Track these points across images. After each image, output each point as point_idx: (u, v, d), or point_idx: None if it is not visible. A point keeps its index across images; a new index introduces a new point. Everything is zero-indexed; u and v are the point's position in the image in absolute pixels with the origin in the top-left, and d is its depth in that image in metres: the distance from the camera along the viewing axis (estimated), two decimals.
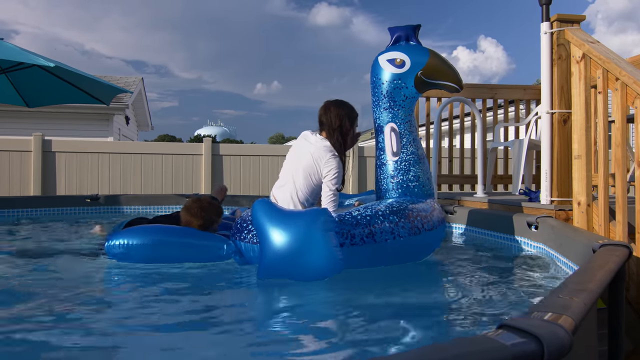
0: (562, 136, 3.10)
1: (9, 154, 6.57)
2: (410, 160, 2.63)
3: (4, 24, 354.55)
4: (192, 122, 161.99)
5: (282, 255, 2.07)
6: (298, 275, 2.12)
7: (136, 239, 2.38)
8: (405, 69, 2.59)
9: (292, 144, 2.97)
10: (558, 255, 2.42)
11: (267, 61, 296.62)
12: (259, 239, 2.20)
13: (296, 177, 2.66)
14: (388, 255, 2.37)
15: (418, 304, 1.93)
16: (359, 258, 2.29)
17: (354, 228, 2.29)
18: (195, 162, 7.20)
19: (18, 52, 4.19)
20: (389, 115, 2.65)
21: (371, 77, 2.73)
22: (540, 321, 0.89)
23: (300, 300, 2.02)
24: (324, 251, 2.09)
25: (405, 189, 2.62)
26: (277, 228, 2.11)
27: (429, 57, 2.58)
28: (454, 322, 1.68)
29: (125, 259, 2.40)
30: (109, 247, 2.38)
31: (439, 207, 2.71)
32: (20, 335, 1.48)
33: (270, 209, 2.21)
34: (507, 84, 5.29)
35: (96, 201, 5.25)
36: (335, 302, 2.02)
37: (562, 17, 3.11)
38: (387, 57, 2.64)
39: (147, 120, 16.85)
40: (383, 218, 2.37)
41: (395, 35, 2.68)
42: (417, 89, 2.62)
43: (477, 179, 4.38)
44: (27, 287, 2.07)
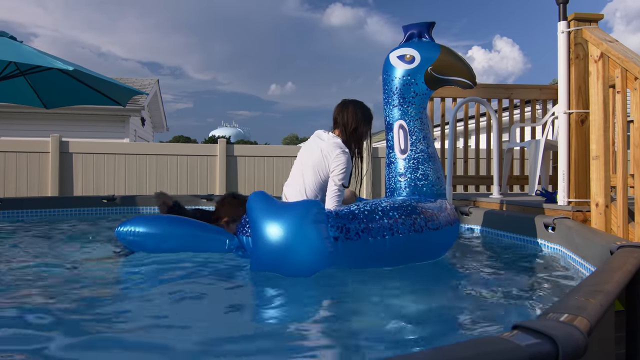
0: (580, 136, 3.05)
1: (27, 155, 6.69)
2: (419, 158, 2.57)
3: (23, 27, 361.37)
4: (207, 124, 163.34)
5: (271, 247, 2.03)
6: (288, 267, 2.06)
7: (144, 227, 2.46)
8: (415, 65, 2.54)
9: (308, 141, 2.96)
10: (575, 256, 2.38)
11: (281, 62, 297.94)
12: (251, 230, 2.16)
13: (305, 173, 2.67)
14: (387, 253, 2.29)
15: (432, 304, 1.91)
16: (355, 254, 2.22)
17: (349, 222, 2.23)
18: (210, 163, 7.26)
19: (37, 56, 4.26)
20: (398, 112, 2.61)
21: (382, 75, 2.70)
22: (556, 322, 0.88)
23: (291, 297, 1.99)
24: (314, 244, 2.03)
25: (414, 188, 2.56)
26: (267, 220, 2.06)
27: (440, 52, 2.52)
28: (469, 323, 1.66)
29: (133, 246, 2.49)
30: (118, 232, 2.49)
31: (450, 207, 2.64)
32: (32, 326, 1.50)
33: (263, 201, 2.16)
34: (523, 84, 5.24)
35: (112, 202, 5.32)
36: (338, 299, 2.00)
37: (580, 16, 3.07)
38: (397, 53, 2.61)
39: (163, 121, 17.03)
40: (382, 213, 2.31)
41: (408, 33, 2.65)
42: (428, 86, 2.57)
43: (492, 180, 4.34)
44: (40, 279, 2.11)
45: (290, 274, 2.08)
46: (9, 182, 6.59)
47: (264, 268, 2.11)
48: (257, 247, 2.10)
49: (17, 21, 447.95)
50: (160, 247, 2.48)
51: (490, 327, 1.59)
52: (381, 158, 7.72)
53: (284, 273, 2.08)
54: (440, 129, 5.12)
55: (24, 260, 2.59)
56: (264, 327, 1.63)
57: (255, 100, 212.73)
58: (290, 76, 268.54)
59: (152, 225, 2.49)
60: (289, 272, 2.08)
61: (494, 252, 3.01)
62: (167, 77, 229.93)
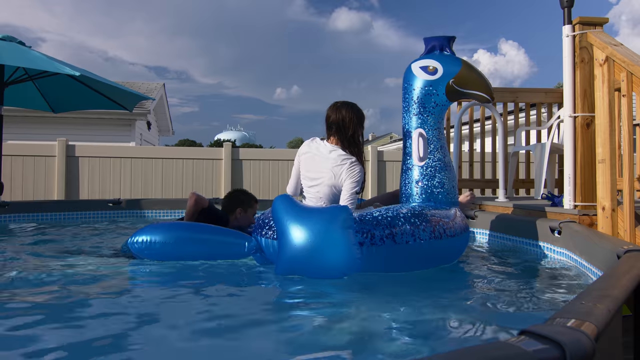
0: (586, 140, 3.05)
1: (34, 159, 6.74)
2: (436, 167, 2.65)
3: (31, 32, 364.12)
4: (212, 127, 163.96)
5: (300, 252, 2.08)
6: (315, 272, 2.12)
7: (157, 236, 2.42)
8: (437, 76, 2.63)
9: (304, 144, 2.93)
10: (582, 261, 2.37)
11: (287, 66, 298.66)
12: (278, 234, 2.22)
13: (321, 191, 2.74)
14: (408, 259, 2.35)
15: (437, 309, 1.91)
16: (378, 259, 2.27)
17: (374, 228, 2.28)
18: (216, 166, 7.28)
19: (45, 61, 4.30)
20: (418, 121, 2.68)
21: (403, 83, 2.77)
22: (563, 327, 0.88)
23: (317, 300, 2.02)
24: (342, 249, 2.09)
25: (430, 195, 2.63)
26: (296, 224, 2.12)
27: (461, 66, 2.62)
28: (475, 328, 1.66)
29: (147, 256, 2.45)
30: (131, 243, 2.44)
31: (461, 215, 2.71)
32: (42, 332, 1.51)
33: (290, 205, 2.22)
34: (528, 87, 5.23)
35: (118, 205, 5.35)
36: (354, 303, 2.01)
37: (584, 20, 3.07)
38: (420, 64, 2.69)
39: (168, 125, 17.10)
40: (404, 220, 2.36)
41: (429, 45, 2.74)
42: (448, 97, 2.65)
43: (498, 183, 4.33)
44: (50, 284, 2.12)
45: (319, 277, 2.12)
46: (16, 185, 6.64)
47: (290, 272, 2.15)
48: (284, 252, 2.13)
49: (25, 26, 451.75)
50: (179, 255, 2.45)
51: (496, 332, 1.59)
52: (386, 161, 7.71)
53: (313, 276, 2.13)
54: (445, 133, 5.12)
55: (29, 263, 2.60)
56: (273, 326, 1.63)
57: (260, 103, 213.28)
58: (296, 80, 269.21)
59: (166, 234, 2.44)
60: (317, 275, 2.13)
61: (500, 256, 3.00)
62: (173, 81, 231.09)
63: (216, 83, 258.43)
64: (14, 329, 1.57)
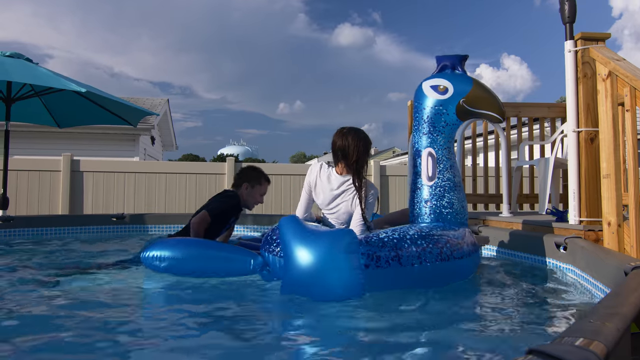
0: (590, 155, 3.04)
1: (39, 174, 6.77)
2: (445, 187, 2.63)
3: (38, 48, 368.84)
4: (216, 142, 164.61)
5: (304, 273, 2.08)
6: (318, 294, 2.11)
7: (168, 251, 2.47)
8: (448, 96, 2.62)
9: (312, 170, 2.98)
10: (588, 277, 2.35)
11: (290, 81, 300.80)
12: (283, 254, 2.22)
13: (341, 217, 2.84)
14: (414, 281, 2.33)
15: (443, 327, 1.89)
16: (384, 281, 2.26)
17: (379, 250, 2.26)
18: (219, 181, 7.29)
19: (51, 77, 4.35)
20: (428, 140, 2.67)
21: (414, 102, 2.78)
22: (571, 347, 0.87)
23: (319, 319, 2.00)
24: (345, 273, 2.08)
25: (439, 215, 2.61)
26: (301, 245, 2.12)
27: (472, 86, 2.62)
28: (481, 347, 1.64)
29: (159, 270, 2.50)
30: (144, 257, 2.52)
31: (471, 236, 2.68)
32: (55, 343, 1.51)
33: (296, 226, 2.22)
34: (531, 102, 5.25)
35: (122, 220, 5.35)
36: (358, 322, 1.99)
37: (587, 35, 3.09)
38: (430, 83, 2.69)
39: (172, 140, 17.19)
40: (411, 242, 2.34)
41: (441, 64, 2.74)
42: (459, 117, 2.64)
43: (502, 198, 4.31)
44: (61, 297, 2.11)
45: (321, 300, 2.11)
46: (21, 200, 6.66)
47: (294, 292, 2.14)
48: (288, 273, 2.14)
49: (33, 43, 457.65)
50: (186, 270, 2.50)
51: (503, 352, 1.57)
52: (388, 176, 7.71)
53: (315, 298, 2.11)
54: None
55: (36, 276, 2.60)
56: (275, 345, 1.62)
57: (263, 118, 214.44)
58: (299, 95, 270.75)
59: (176, 249, 2.51)
60: (319, 298, 2.11)
61: (505, 272, 2.98)
62: (177, 96, 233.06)
63: (220, 98, 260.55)
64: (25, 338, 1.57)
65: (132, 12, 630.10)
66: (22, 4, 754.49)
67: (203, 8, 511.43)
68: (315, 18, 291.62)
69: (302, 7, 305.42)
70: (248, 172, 3.45)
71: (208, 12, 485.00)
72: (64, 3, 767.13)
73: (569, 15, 3.14)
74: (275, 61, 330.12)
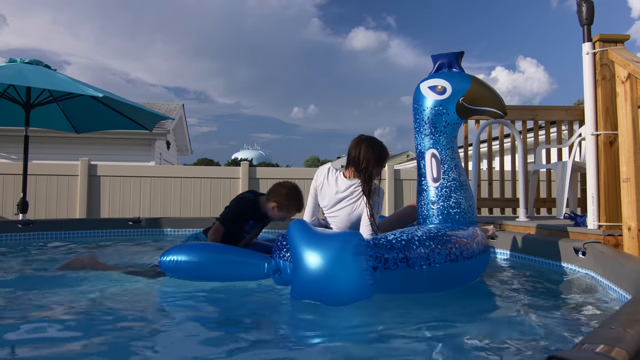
0: (609, 158, 2.99)
1: (57, 178, 6.88)
2: (451, 187, 2.61)
3: (57, 55, 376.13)
4: (230, 146, 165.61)
5: (313, 277, 2.07)
6: (327, 297, 2.09)
7: (184, 256, 2.50)
8: (447, 96, 2.59)
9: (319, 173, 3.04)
10: (608, 283, 2.30)
11: (303, 86, 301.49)
12: (292, 259, 2.22)
13: (342, 222, 2.89)
14: (423, 282, 2.31)
15: (461, 333, 1.87)
16: (392, 283, 2.24)
17: (387, 252, 2.25)
18: (233, 185, 7.33)
19: (69, 83, 4.43)
20: (430, 141, 2.65)
21: (413, 104, 2.74)
22: (592, 354, 0.85)
23: (331, 325, 1.99)
24: (354, 275, 2.06)
25: (447, 216, 2.58)
26: (309, 249, 2.11)
27: (470, 83, 2.57)
28: (500, 353, 1.61)
29: (174, 274, 2.53)
30: (161, 262, 2.54)
31: (481, 235, 2.65)
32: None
33: (304, 230, 2.22)
34: (547, 105, 5.18)
35: (138, 224, 5.41)
36: (370, 328, 1.98)
37: (605, 37, 3.05)
38: (428, 84, 2.65)
39: (187, 144, 17.36)
40: (419, 243, 2.32)
41: (437, 63, 2.69)
42: (460, 115, 2.61)
43: (518, 202, 4.26)
44: (78, 300, 2.14)
45: (331, 304, 2.11)
46: (40, 204, 6.78)
47: (304, 297, 2.14)
48: (298, 276, 2.13)
49: (52, 50, 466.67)
50: (200, 274, 2.53)
51: (523, 358, 1.54)
52: (402, 180, 7.67)
53: (324, 302, 2.11)
54: (463, 151, 5.08)
55: (57, 279, 2.64)
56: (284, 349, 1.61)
57: (277, 123, 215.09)
58: (313, 99, 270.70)
59: (191, 254, 2.54)
60: (329, 301, 2.10)
61: (523, 277, 2.94)
62: (193, 101, 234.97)
63: (234, 103, 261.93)
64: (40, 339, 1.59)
65: (149, 19, 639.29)
66: (42, 11, 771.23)
67: (217, 14, 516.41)
68: (328, 22, 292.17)
69: (316, 12, 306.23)
70: (282, 197, 3.13)
71: (222, 18, 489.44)
72: (84, 10, 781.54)
73: (586, 17, 3.09)
74: (289, 66, 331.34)
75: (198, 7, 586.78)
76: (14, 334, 1.72)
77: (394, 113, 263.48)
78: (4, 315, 1.97)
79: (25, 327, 1.80)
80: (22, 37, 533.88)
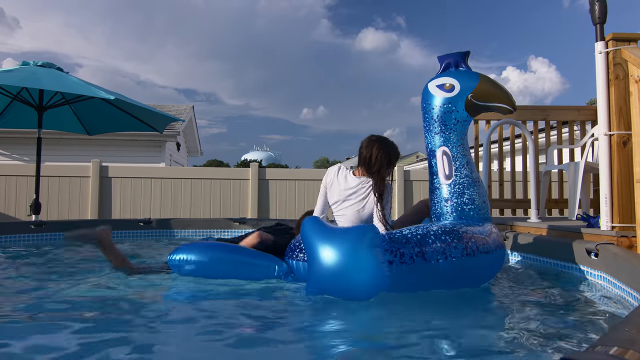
0: (622, 159, 2.95)
1: (69, 180, 6.96)
2: (464, 183, 2.60)
3: (69, 57, 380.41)
4: (240, 148, 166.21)
5: (328, 272, 2.07)
6: (344, 292, 2.09)
7: (194, 255, 2.52)
8: (455, 93, 2.60)
9: (330, 172, 3.08)
10: (622, 285, 2.27)
11: (313, 87, 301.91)
12: (307, 255, 2.23)
13: (348, 222, 2.90)
14: (440, 277, 2.29)
15: (475, 334, 1.85)
16: (409, 278, 2.23)
17: (403, 246, 2.25)
18: (243, 186, 7.36)
19: (81, 86, 4.47)
20: (440, 139, 2.65)
21: (422, 103, 2.75)
22: (606, 356, 0.84)
23: (345, 321, 1.99)
24: (370, 267, 2.06)
25: (461, 212, 2.58)
26: (324, 244, 2.12)
27: (478, 80, 2.59)
28: (511, 354, 1.60)
29: (184, 273, 2.55)
30: (170, 260, 2.56)
31: (496, 230, 2.64)
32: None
33: (319, 226, 2.23)
34: (559, 105, 5.13)
35: (149, 225, 5.44)
36: (386, 325, 1.97)
37: (618, 36, 3.01)
38: (436, 82, 2.68)
39: (197, 146, 17.46)
40: (435, 237, 2.32)
41: (444, 63, 2.72)
42: (469, 112, 2.62)
43: (529, 203, 4.22)
44: (88, 299, 2.16)
45: (348, 298, 2.11)
46: (52, 205, 6.86)
47: (320, 292, 2.14)
48: (313, 272, 2.14)
49: (63, 52, 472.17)
50: (210, 274, 2.55)
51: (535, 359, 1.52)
52: (412, 181, 7.65)
53: (341, 297, 2.11)
54: (474, 152, 5.05)
55: (73, 278, 2.66)
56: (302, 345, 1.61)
57: (287, 124, 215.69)
58: (322, 100, 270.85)
59: (201, 253, 2.57)
60: (346, 296, 2.11)
61: (534, 279, 2.91)
62: (202, 103, 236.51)
63: (244, 104, 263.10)
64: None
65: (159, 21, 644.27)
66: (55, 15, 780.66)
67: (228, 16, 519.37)
68: (338, 24, 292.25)
69: (325, 13, 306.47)
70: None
71: (232, 20, 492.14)
72: (95, 13, 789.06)
73: (599, 15, 3.06)
74: (298, 67, 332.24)
75: (208, 9, 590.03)
76: (24, 333, 1.74)
77: (403, 114, 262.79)
78: (13, 315, 1.99)
79: (35, 326, 1.82)
80: (35, 41, 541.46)
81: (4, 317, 1.95)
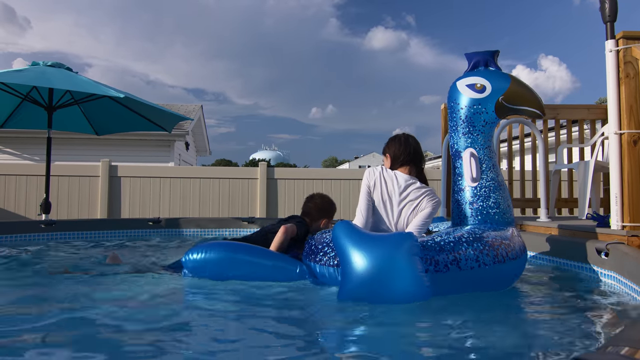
0: (633, 158, 2.92)
1: (79, 179, 7.02)
2: (490, 187, 2.57)
3: (78, 57, 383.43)
4: (248, 147, 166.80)
5: (366, 279, 2.02)
6: (383, 298, 2.04)
7: (210, 255, 2.47)
8: (486, 94, 2.56)
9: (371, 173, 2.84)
10: (632, 284, 2.25)
11: (322, 86, 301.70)
12: (341, 261, 2.16)
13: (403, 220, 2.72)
14: (470, 284, 2.26)
15: (487, 334, 1.84)
16: (443, 285, 2.19)
17: (437, 254, 2.21)
18: (251, 185, 7.38)
19: (91, 85, 4.51)
20: (467, 140, 2.62)
21: (448, 102, 2.71)
22: (617, 356, 0.84)
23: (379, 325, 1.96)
24: (411, 276, 2.02)
25: (485, 216, 2.55)
26: (361, 251, 2.07)
27: (510, 82, 2.55)
28: (523, 354, 1.59)
29: (199, 274, 2.49)
30: (185, 261, 2.51)
31: (519, 235, 2.60)
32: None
33: (353, 231, 2.17)
34: (569, 104, 5.09)
35: (158, 224, 5.48)
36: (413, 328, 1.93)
37: (629, 34, 2.98)
38: (466, 82, 2.62)
39: (206, 145, 17.53)
40: (467, 245, 2.28)
41: (473, 61, 2.67)
42: (498, 115, 2.58)
43: (539, 203, 4.20)
44: (103, 300, 2.17)
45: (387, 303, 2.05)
46: (62, 204, 6.92)
47: (355, 298, 2.08)
48: (349, 278, 2.08)
49: (73, 52, 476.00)
50: (227, 275, 2.48)
51: (547, 359, 1.52)
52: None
53: (380, 303, 2.06)
54: None
55: (85, 278, 2.69)
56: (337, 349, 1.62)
57: (295, 123, 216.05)
58: (331, 99, 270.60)
59: (218, 253, 2.51)
60: (385, 302, 2.05)
61: (544, 278, 2.89)
62: (211, 102, 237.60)
63: (252, 104, 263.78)
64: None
65: (168, 21, 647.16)
66: (65, 15, 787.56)
67: (236, 15, 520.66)
68: (347, 22, 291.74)
69: (334, 12, 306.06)
70: (328, 208, 3.35)
71: (241, 19, 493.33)
72: (105, 13, 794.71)
73: (609, 13, 3.03)
74: (307, 66, 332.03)
75: (217, 9, 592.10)
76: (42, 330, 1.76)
77: (412, 112, 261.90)
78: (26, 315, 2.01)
79: (53, 326, 1.84)
80: (45, 41, 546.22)
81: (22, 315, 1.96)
